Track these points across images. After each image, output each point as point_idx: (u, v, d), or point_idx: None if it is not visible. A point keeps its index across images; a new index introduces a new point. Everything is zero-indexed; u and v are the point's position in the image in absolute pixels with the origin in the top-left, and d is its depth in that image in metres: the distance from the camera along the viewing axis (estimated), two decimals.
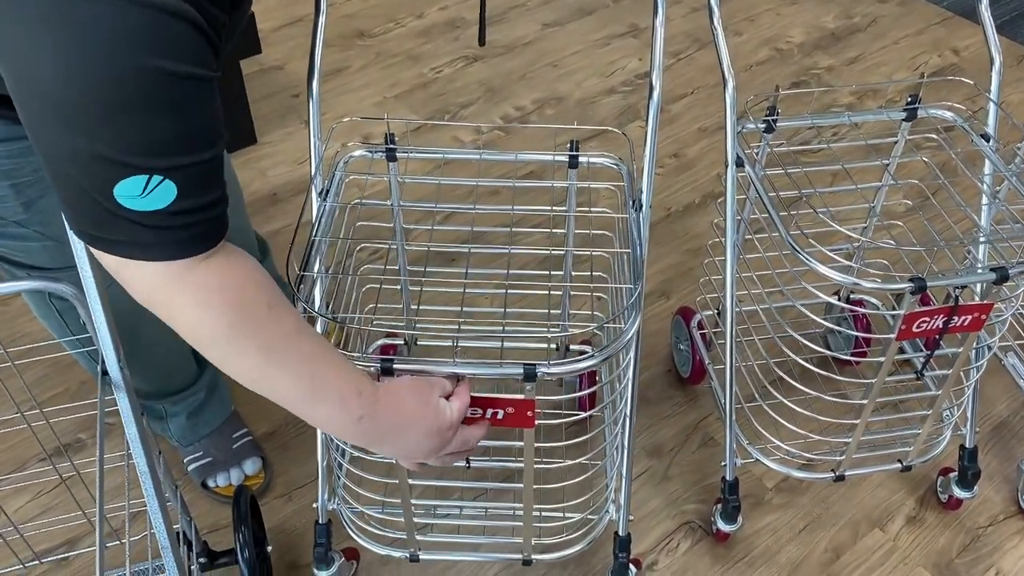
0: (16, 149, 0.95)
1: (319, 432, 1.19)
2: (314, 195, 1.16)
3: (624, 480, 1.21)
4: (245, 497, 1.22)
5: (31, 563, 1.24)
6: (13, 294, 1.54)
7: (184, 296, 0.75)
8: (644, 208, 1.12)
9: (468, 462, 0.99)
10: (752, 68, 2.32)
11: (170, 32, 0.65)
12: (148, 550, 1.02)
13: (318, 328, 1.11)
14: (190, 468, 1.45)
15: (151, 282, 0.74)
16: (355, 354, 0.94)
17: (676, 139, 2.12)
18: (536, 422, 0.97)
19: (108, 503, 0.91)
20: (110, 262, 0.75)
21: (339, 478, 1.20)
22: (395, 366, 0.92)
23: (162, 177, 0.68)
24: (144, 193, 0.68)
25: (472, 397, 0.93)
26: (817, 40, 2.42)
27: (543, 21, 2.48)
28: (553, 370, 0.92)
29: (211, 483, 1.44)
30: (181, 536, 1.13)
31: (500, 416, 0.96)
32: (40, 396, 1.60)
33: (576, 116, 2.17)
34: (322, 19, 1.10)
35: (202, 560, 1.21)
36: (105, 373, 0.90)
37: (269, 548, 1.29)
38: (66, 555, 1.35)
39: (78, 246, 0.83)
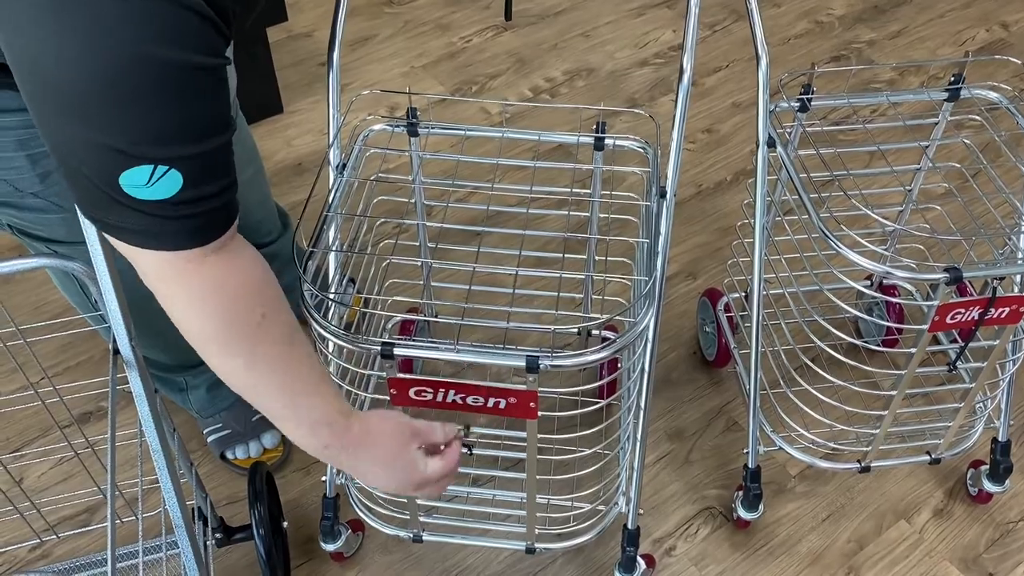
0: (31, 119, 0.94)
1: None
2: (331, 169, 1.14)
3: (636, 472, 1.19)
4: (261, 473, 1.22)
5: (48, 537, 1.25)
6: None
7: (181, 290, 0.75)
8: (668, 196, 1.09)
9: (471, 449, 0.98)
10: (790, 41, 2.24)
11: (175, 21, 0.63)
12: (162, 525, 1.02)
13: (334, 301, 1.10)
14: (209, 440, 1.45)
15: (154, 270, 0.74)
16: (363, 337, 0.93)
17: (709, 114, 2.06)
18: (541, 413, 0.95)
19: (125, 475, 0.91)
20: (119, 245, 0.74)
21: None
22: (395, 351, 0.90)
23: (167, 167, 0.67)
24: (150, 183, 0.67)
25: (473, 385, 0.92)
26: (859, 13, 2.34)
27: None
28: (557, 362, 0.90)
29: (230, 455, 1.44)
30: (196, 512, 1.13)
31: (502, 406, 0.94)
32: (67, 363, 1.61)
33: (607, 88, 2.12)
34: None
35: (218, 536, 1.21)
36: (116, 352, 0.89)
37: (285, 524, 1.29)
38: (80, 530, 1.36)
39: (87, 225, 0.82)
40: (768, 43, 2.35)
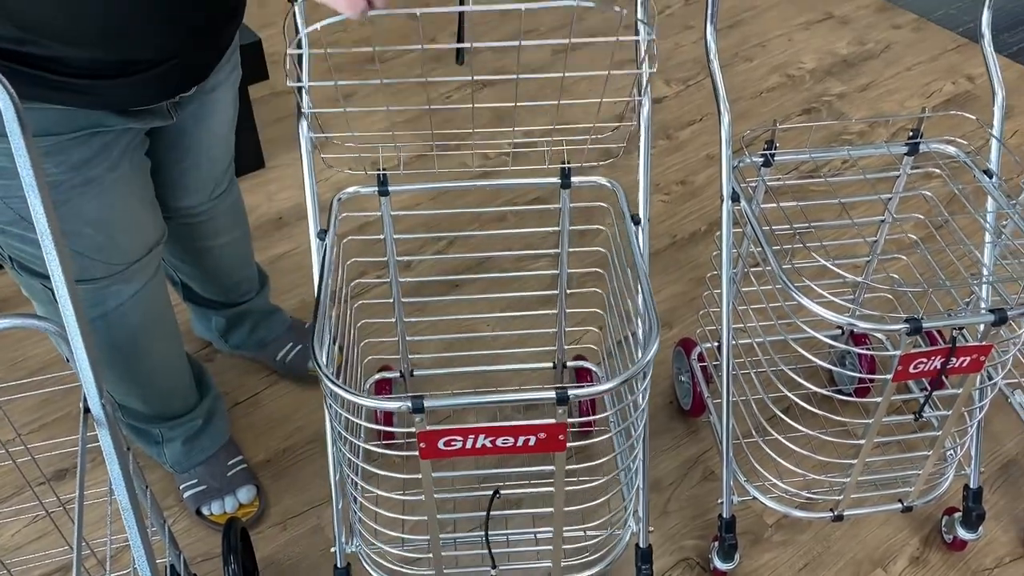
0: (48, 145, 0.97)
1: (331, 471, 1.18)
2: (312, 236, 1.15)
3: (642, 493, 1.21)
4: (235, 529, 1.22)
5: None
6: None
7: None
8: (643, 222, 1.12)
9: (498, 492, 0.97)
10: (762, 95, 2.30)
11: None
12: None
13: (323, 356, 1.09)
14: (185, 496, 1.45)
15: None
16: (361, 393, 0.93)
17: (684, 166, 2.10)
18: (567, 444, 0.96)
19: (97, 533, 0.90)
20: None
21: (355, 513, 1.19)
22: (425, 404, 0.90)
23: None
24: None
25: (503, 426, 0.92)
26: (829, 66, 2.40)
27: (554, 47, 2.49)
28: (583, 392, 0.92)
29: (205, 511, 1.44)
30: (169, 570, 1.12)
31: (532, 443, 0.95)
32: (44, 419, 1.61)
33: (584, 141, 2.16)
34: (306, 54, 1.10)
35: None
36: (87, 410, 0.90)
37: None
38: None
39: (59, 281, 0.84)
40: (741, 96, 2.41)
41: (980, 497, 1.34)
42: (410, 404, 0.89)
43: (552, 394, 0.90)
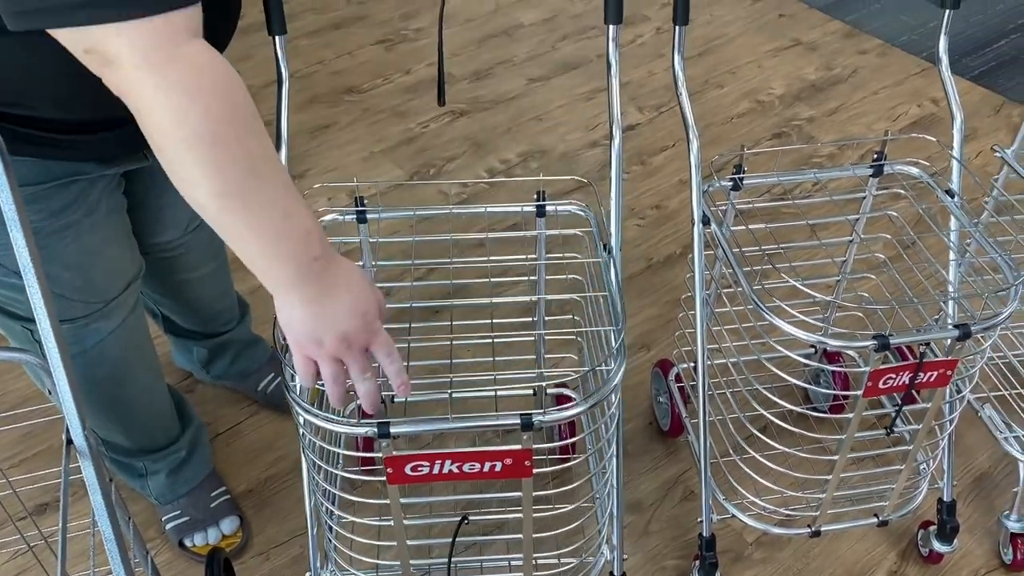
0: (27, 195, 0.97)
1: (307, 498, 1.18)
2: None
3: (616, 520, 1.22)
4: (218, 560, 1.22)
5: None
6: None
7: (176, 72, 0.69)
8: (614, 251, 1.15)
9: (467, 518, 0.99)
10: (733, 120, 2.35)
11: None
12: None
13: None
14: (167, 527, 1.45)
15: (140, 51, 0.67)
16: (343, 418, 0.95)
17: (658, 191, 2.14)
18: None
19: (80, 567, 0.91)
20: (85, 36, 0.68)
21: (330, 540, 1.19)
22: (391, 429, 0.92)
23: None
24: None
25: (468, 452, 0.94)
26: (798, 91, 2.46)
27: (529, 76, 2.53)
28: (548, 418, 0.93)
29: (188, 543, 1.44)
30: None
31: (498, 468, 0.96)
32: (25, 453, 1.60)
33: (560, 168, 2.20)
34: (285, 87, 1.13)
35: None
36: (70, 442, 0.90)
37: None
38: None
39: (40, 313, 0.85)
40: (712, 123, 2.45)
41: (954, 510, 1.37)
42: (376, 429, 0.90)
43: (517, 420, 0.92)
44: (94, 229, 1.09)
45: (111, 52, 0.68)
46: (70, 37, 0.69)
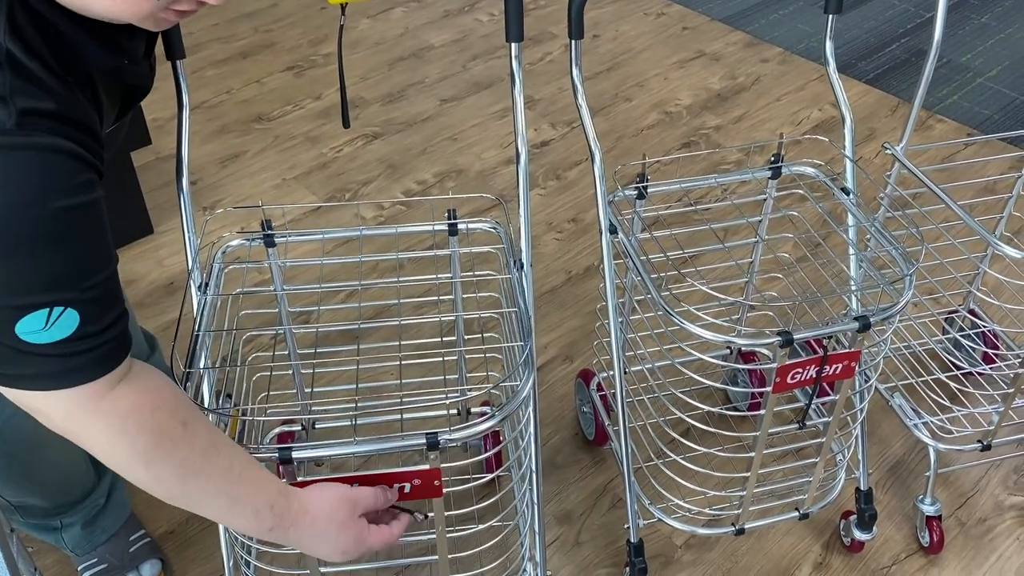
0: None
1: (222, 535, 1.16)
2: (193, 290, 1.15)
3: (538, 536, 1.21)
4: None
5: None
6: None
7: (99, 423, 0.76)
8: (525, 267, 1.15)
9: (426, 515, 1.01)
10: (643, 132, 2.39)
11: (48, 168, 0.66)
12: None
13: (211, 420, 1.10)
14: None
15: (64, 410, 0.75)
16: (252, 446, 0.93)
17: (574, 204, 2.16)
18: (444, 490, 0.97)
19: None
20: (19, 396, 0.74)
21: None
22: (294, 455, 0.91)
23: (63, 308, 0.69)
24: (47, 326, 0.68)
25: (376, 474, 0.94)
26: (704, 101, 2.52)
27: (441, 97, 2.54)
28: (455, 436, 0.93)
29: None
30: None
31: (407, 490, 0.96)
32: None
33: (476, 186, 2.21)
34: (186, 113, 1.12)
35: None
36: None
37: None
38: None
39: None
40: (623, 135, 2.49)
41: (871, 498, 1.40)
42: (277, 455, 0.90)
43: (422, 440, 0.92)
44: None
45: (40, 409, 0.76)
46: (5, 391, 0.76)
